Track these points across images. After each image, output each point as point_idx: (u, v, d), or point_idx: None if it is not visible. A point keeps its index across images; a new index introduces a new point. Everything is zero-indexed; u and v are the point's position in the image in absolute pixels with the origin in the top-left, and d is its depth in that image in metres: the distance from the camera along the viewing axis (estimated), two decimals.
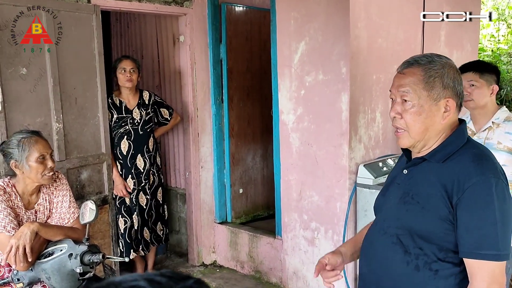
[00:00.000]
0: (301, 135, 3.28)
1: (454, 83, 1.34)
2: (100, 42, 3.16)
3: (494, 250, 1.25)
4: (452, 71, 1.35)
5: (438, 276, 1.33)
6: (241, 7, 4.17)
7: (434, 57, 1.37)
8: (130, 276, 0.61)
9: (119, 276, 0.64)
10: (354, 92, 3.02)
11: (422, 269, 1.34)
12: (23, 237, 1.93)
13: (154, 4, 3.52)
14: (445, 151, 1.34)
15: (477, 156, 1.31)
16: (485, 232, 1.25)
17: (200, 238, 4.04)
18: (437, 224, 1.31)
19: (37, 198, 2.20)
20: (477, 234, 1.26)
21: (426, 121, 1.34)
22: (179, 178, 4.30)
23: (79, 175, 3.14)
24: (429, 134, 1.36)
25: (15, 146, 2.09)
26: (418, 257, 1.35)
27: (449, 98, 1.33)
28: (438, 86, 1.32)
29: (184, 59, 3.87)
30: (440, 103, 1.33)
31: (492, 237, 1.25)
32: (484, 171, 1.26)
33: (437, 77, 1.32)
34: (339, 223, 3.13)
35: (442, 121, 1.34)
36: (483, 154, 1.33)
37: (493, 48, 7.28)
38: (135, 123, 3.56)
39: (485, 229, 1.25)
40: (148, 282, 0.58)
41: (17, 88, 2.77)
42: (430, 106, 1.33)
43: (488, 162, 1.30)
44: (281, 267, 3.58)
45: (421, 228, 1.34)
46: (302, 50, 3.19)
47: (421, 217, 1.34)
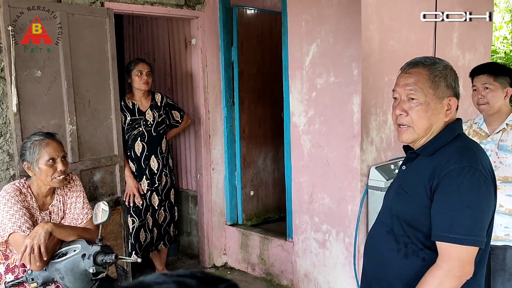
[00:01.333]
0: (313, 137, 3.28)
1: (455, 83, 1.44)
2: (113, 45, 3.20)
3: (461, 235, 1.30)
4: (453, 73, 1.45)
5: (425, 264, 1.38)
6: (252, 10, 4.18)
7: (436, 59, 1.46)
8: (159, 277, 0.59)
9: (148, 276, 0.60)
10: (365, 94, 3.01)
11: (411, 256, 1.42)
12: (38, 237, 1.95)
13: (166, 7, 3.55)
14: (434, 145, 1.43)
15: (459, 148, 1.40)
16: (453, 216, 1.32)
17: (211, 240, 4.05)
18: (421, 211, 1.39)
19: (52, 199, 2.23)
20: (446, 218, 1.33)
21: (432, 118, 1.42)
22: (190, 180, 4.32)
23: (92, 177, 3.17)
24: (432, 130, 1.44)
25: (28, 148, 2.11)
26: (407, 245, 1.43)
27: (451, 97, 1.43)
28: (443, 85, 1.41)
29: (196, 61, 3.89)
30: (443, 101, 1.42)
31: (460, 221, 1.31)
32: (461, 160, 1.35)
33: (441, 77, 1.41)
34: (351, 225, 3.12)
35: (445, 118, 1.43)
36: (466, 147, 1.41)
37: (506, 50, 7.21)
38: (148, 125, 3.59)
39: (454, 213, 1.32)
40: (177, 285, 0.56)
41: (32, 91, 2.81)
42: (436, 104, 1.42)
43: (468, 153, 1.38)
44: (292, 269, 3.58)
45: (408, 215, 1.43)
46: (314, 52, 3.19)
47: (407, 205, 1.44)
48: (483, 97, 2.43)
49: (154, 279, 0.57)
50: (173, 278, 0.57)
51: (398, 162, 3.21)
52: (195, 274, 0.59)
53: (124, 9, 3.30)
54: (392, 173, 3.08)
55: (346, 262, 3.18)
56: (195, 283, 0.56)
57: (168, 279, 0.57)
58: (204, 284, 0.56)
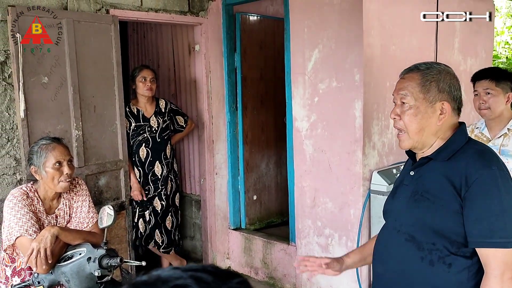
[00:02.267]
0: (315, 142, 3.30)
1: (450, 88, 1.43)
2: (118, 51, 3.25)
3: (504, 238, 1.30)
4: (448, 77, 1.44)
5: (452, 270, 1.37)
6: (255, 16, 4.23)
7: (433, 64, 1.46)
8: (175, 273, 0.59)
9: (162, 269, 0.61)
10: (367, 99, 3.04)
11: (436, 263, 1.39)
12: (44, 241, 1.98)
13: (170, 14, 3.60)
14: (449, 149, 1.42)
15: (480, 152, 1.39)
16: (493, 221, 1.31)
17: (215, 244, 4.08)
18: (450, 217, 1.37)
19: (58, 203, 2.26)
20: (486, 223, 1.31)
21: (422, 121, 1.43)
22: (194, 184, 4.34)
23: (97, 181, 3.20)
24: (425, 134, 1.44)
25: (35, 152, 2.15)
26: (431, 252, 1.40)
27: (444, 101, 1.42)
28: (434, 89, 1.42)
29: (199, 67, 3.94)
30: (435, 105, 1.42)
31: (501, 225, 1.30)
32: (489, 164, 1.34)
33: (433, 81, 1.42)
34: (353, 229, 3.14)
35: (438, 122, 1.42)
36: (486, 149, 1.42)
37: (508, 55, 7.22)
38: (152, 131, 3.63)
39: (493, 218, 1.31)
40: (194, 281, 0.57)
41: (39, 97, 2.86)
42: (426, 108, 1.42)
43: (491, 156, 1.39)
44: (295, 273, 3.59)
45: (434, 222, 1.39)
46: (316, 57, 3.23)
47: (433, 212, 1.40)
48: (484, 102, 2.44)
49: (171, 274, 0.58)
50: (188, 273, 0.58)
51: (400, 167, 3.23)
52: (207, 269, 0.59)
53: (129, 16, 3.35)
54: (394, 178, 3.09)
55: None
56: (211, 278, 0.57)
57: (184, 274, 0.57)
58: (219, 279, 0.57)
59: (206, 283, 0.57)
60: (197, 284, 0.56)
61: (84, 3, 3.07)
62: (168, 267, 0.63)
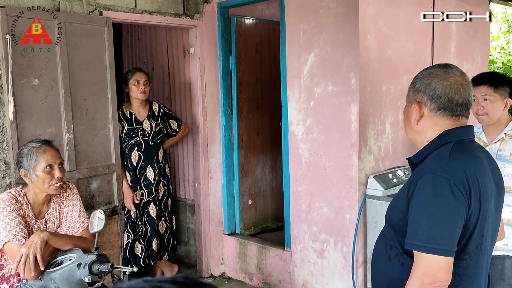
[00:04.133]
0: (311, 146, 3.27)
1: (426, 88, 1.43)
2: (112, 54, 3.21)
3: (422, 242, 1.31)
4: (429, 78, 1.43)
5: (404, 268, 1.42)
6: (250, 19, 4.20)
7: (432, 67, 1.50)
8: (137, 283, 0.58)
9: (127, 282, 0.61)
10: (363, 103, 3.01)
11: (393, 259, 1.47)
12: (33, 246, 1.93)
13: (165, 16, 3.56)
14: (422, 153, 1.46)
15: (434, 156, 1.41)
16: (417, 224, 1.34)
17: (209, 249, 4.03)
18: (399, 216, 1.43)
19: (48, 207, 2.21)
20: (412, 225, 1.35)
21: (406, 120, 1.52)
22: (188, 189, 4.30)
23: (89, 185, 3.15)
24: (412, 133, 1.50)
25: (24, 155, 2.10)
26: (391, 248, 1.48)
27: (417, 101, 1.45)
28: (411, 89, 1.48)
29: (194, 70, 3.90)
30: (412, 105, 1.47)
31: (422, 229, 1.32)
32: (429, 168, 1.37)
33: (413, 82, 1.48)
34: (349, 235, 3.11)
35: (414, 122, 1.46)
36: (441, 154, 1.40)
37: (504, 60, 7.25)
38: (145, 135, 3.59)
39: (418, 221, 1.34)
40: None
41: (29, 99, 2.81)
42: (406, 107, 1.51)
43: (440, 160, 1.38)
44: (290, 279, 3.55)
45: (391, 219, 1.50)
46: (312, 61, 3.20)
47: (393, 209, 1.50)
48: (482, 108, 2.42)
49: (132, 284, 0.57)
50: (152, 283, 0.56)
51: (397, 172, 3.21)
52: (176, 280, 0.58)
53: (123, 18, 3.31)
54: (390, 182, 3.07)
55: (344, 272, 3.16)
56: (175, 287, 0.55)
57: (147, 284, 0.56)
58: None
59: None
60: None
61: (77, 4, 3.03)
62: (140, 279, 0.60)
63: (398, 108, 3.32)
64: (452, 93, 1.41)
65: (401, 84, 3.33)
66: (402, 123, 3.32)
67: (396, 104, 3.31)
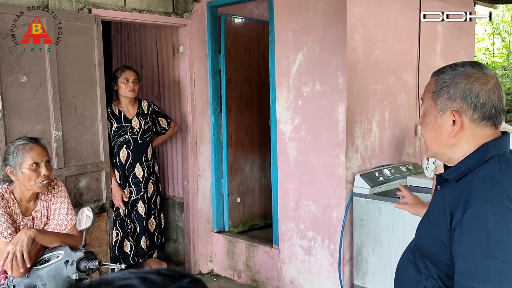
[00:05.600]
0: (299, 144, 3.31)
1: (465, 94, 1.21)
2: (101, 51, 3.20)
3: (482, 285, 1.10)
4: (465, 82, 1.22)
5: None
6: (240, 18, 4.22)
7: (456, 67, 1.27)
8: (123, 274, 0.58)
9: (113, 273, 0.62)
10: (351, 102, 3.05)
11: None
12: (20, 243, 1.94)
13: (154, 15, 3.56)
14: (460, 170, 1.24)
15: (483, 177, 1.18)
16: (474, 262, 1.12)
17: (198, 247, 4.04)
18: (437, 244, 1.24)
19: (35, 205, 2.21)
20: (466, 263, 1.14)
21: (432, 132, 1.28)
22: (177, 187, 4.31)
23: (77, 183, 3.15)
24: (440, 146, 1.29)
25: (11, 152, 2.10)
26: (427, 278, 1.29)
27: (455, 111, 1.22)
28: (444, 96, 1.24)
29: (183, 69, 3.91)
30: (445, 115, 1.24)
31: (482, 269, 1.11)
32: (482, 194, 1.14)
33: (444, 87, 1.25)
34: (336, 232, 3.15)
35: (450, 135, 1.24)
36: (491, 175, 1.19)
37: (488, 62, 7.35)
38: (134, 132, 3.59)
39: (475, 259, 1.12)
40: (141, 281, 0.56)
41: (17, 96, 2.80)
42: (435, 117, 1.26)
43: (491, 184, 1.16)
44: (278, 276, 3.58)
45: (425, 247, 1.30)
46: (300, 61, 3.23)
47: (427, 236, 1.30)
48: None
49: (118, 275, 0.57)
50: (137, 274, 0.57)
51: (383, 170, 3.26)
52: (160, 271, 0.59)
53: (112, 16, 3.31)
54: (377, 181, 3.11)
55: (331, 269, 3.20)
56: (160, 278, 0.56)
57: (132, 275, 0.57)
58: (169, 280, 0.56)
59: (153, 283, 0.56)
60: (143, 284, 0.55)
61: (65, 1, 3.03)
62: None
63: (385, 107, 3.37)
64: (495, 100, 1.22)
65: (388, 84, 3.37)
66: (389, 122, 3.40)
67: (383, 104, 3.35)
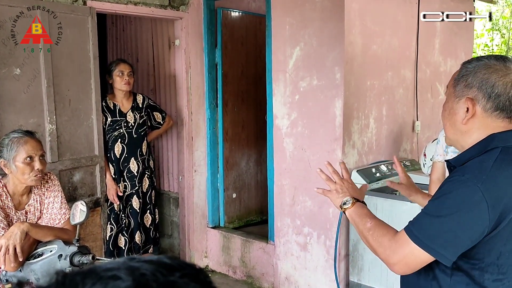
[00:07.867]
0: (295, 140, 3.29)
1: (482, 83, 1.23)
2: (96, 44, 3.17)
3: (418, 232, 1.20)
4: (484, 72, 1.24)
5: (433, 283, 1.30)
6: (237, 12, 4.18)
7: (479, 58, 1.30)
8: (114, 263, 0.54)
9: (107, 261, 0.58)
10: (348, 98, 3.03)
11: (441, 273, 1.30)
12: (13, 237, 1.91)
13: (150, 7, 3.53)
14: (465, 157, 1.28)
15: (477, 162, 1.24)
16: (428, 220, 1.22)
17: (193, 242, 4.03)
18: None
19: (28, 198, 2.18)
20: (422, 218, 1.23)
21: (449, 117, 1.32)
22: (172, 182, 4.29)
23: (72, 177, 3.12)
24: (455, 132, 1.32)
25: (5, 145, 2.07)
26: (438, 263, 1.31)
27: (470, 98, 1.25)
28: (462, 84, 1.27)
29: (179, 63, 3.88)
30: (461, 101, 1.27)
31: (425, 222, 1.22)
32: (468, 172, 1.21)
33: (464, 75, 1.27)
34: (332, 228, 3.13)
35: (463, 122, 1.27)
36: (484, 162, 1.23)
37: None
38: (129, 126, 3.56)
39: (424, 214, 1.23)
40: (129, 273, 0.51)
41: (10, 89, 2.76)
42: (452, 103, 1.30)
43: (481, 168, 1.22)
44: (273, 272, 3.57)
45: None
46: (297, 55, 3.21)
47: None
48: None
49: (108, 264, 0.53)
50: (127, 264, 0.52)
51: (380, 166, 3.24)
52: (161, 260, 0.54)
53: (107, 8, 3.27)
54: (374, 176, 3.10)
55: (327, 265, 3.19)
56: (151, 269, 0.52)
57: (122, 265, 0.52)
58: (160, 273, 0.52)
59: (142, 275, 0.51)
60: (130, 276, 0.50)
61: None
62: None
63: (382, 103, 3.35)
64: None
65: (386, 79, 3.36)
66: (386, 118, 3.39)
67: (381, 99, 3.34)
